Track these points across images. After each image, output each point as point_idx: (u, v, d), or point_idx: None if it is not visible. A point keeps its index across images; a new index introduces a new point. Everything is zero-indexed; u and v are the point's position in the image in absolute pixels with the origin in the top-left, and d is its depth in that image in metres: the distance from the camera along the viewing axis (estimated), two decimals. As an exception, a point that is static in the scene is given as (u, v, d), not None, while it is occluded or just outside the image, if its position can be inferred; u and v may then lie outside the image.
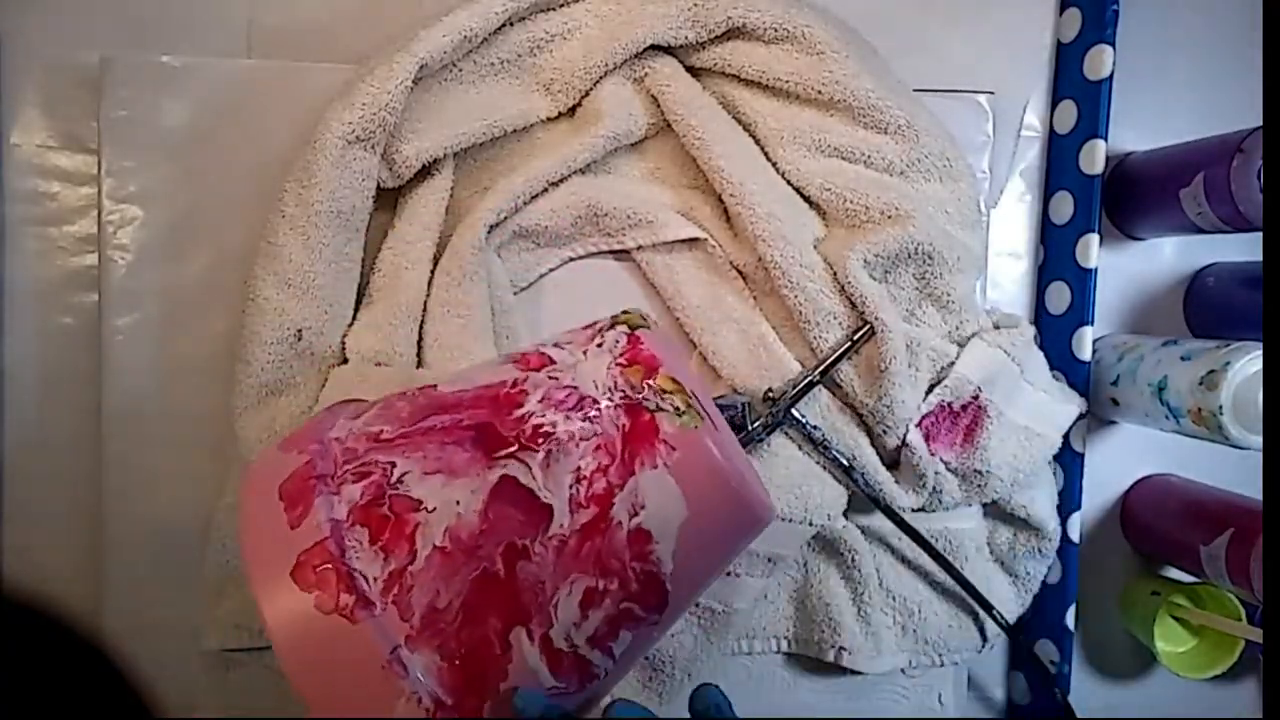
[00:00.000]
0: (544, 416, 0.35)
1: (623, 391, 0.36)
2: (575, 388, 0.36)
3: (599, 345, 0.38)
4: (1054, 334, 0.58)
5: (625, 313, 0.40)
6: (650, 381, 0.36)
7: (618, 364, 0.37)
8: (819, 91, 0.52)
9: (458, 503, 0.33)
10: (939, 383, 0.53)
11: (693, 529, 0.36)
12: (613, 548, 0.34)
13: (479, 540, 0.32)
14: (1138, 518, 0.61)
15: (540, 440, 0.34)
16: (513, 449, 0.34)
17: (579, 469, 0.34)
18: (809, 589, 0.56)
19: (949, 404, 0.53)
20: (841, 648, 0.55)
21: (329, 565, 0.31)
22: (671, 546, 0.35)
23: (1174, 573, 0.61)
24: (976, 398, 0.53)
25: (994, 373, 0.53)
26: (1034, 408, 0.54)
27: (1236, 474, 0.58)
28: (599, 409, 0.35)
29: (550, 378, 0.36)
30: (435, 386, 0.38)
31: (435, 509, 0.32)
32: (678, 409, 0.35)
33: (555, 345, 0.39)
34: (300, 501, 0.32)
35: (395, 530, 0.32)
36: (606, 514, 0.34)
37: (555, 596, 0.33)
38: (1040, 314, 0.60)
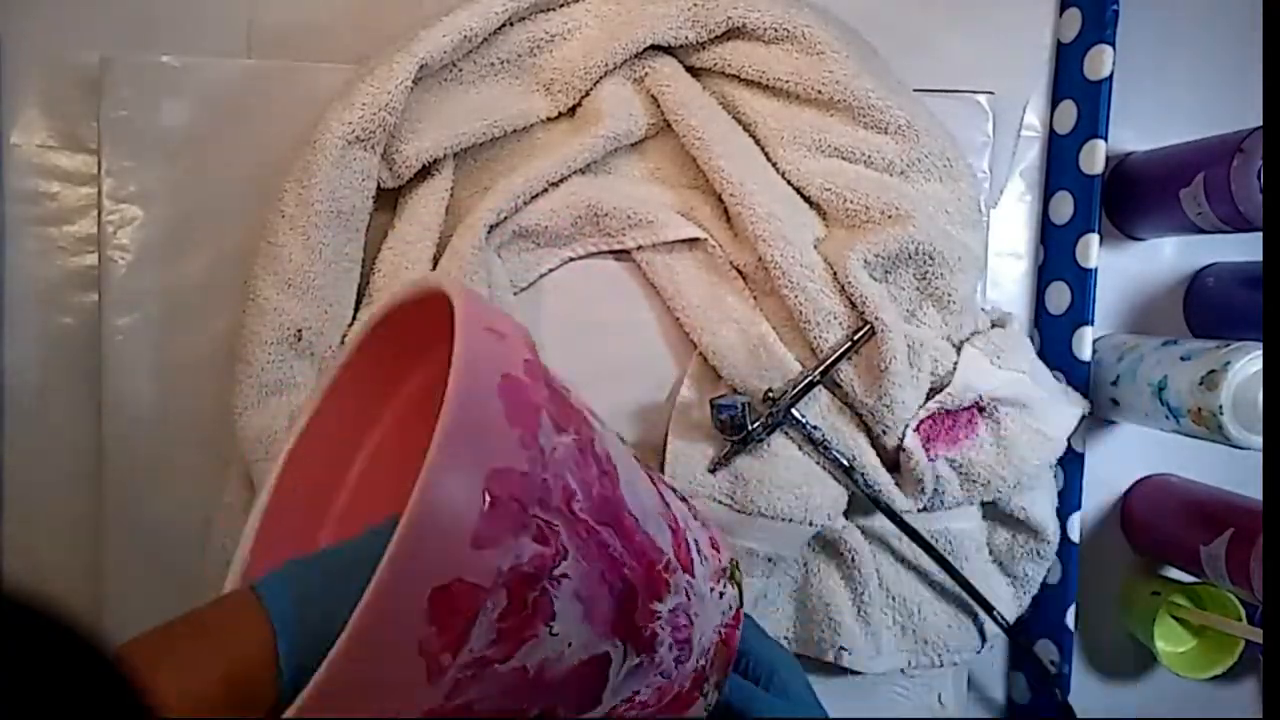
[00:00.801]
0: (662, 630, 0.34)
1: (704, 664, 0.36)
2: (690, 627, 0.35)
3: (719, 597, 0.38)
4: (1054, 334, 0.58)
5: (738, 568, 0.40)
6: (726, 666, 0.37)
7: (718, 637, 0.37)
8: (819, 91, 0.52)
9: (569, 645, 0.31)
10: (941, 389, 0.53)
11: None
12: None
13: (549, 692, 0.31)
14: (1138, 518, 0.61)
15: (647, 648, 0.34)
16: (635, 638, 0.33)
17: (637, 693, 0.34)
18: (809, 589, 0.56)
19: (949, 409, 0.53)
20: (841, 648, 0.55)
21: (461, 612, 0.28)
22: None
23: (1174, 573, 0.61)
24: (978, 400, 0.53)
25: (997, 379, 0.53)
26: (1036, 410, 0.54)
27: (1236, 474, 0.58)
28: (686, 665, 0.35)
29: (686, 594, 0.35)
30: (617, 480, 0.34)
31: (556, 634, 0.30)
32: (707, 694, 0.37)
33: (693, 547, 0.38)
34: (508, 518, 0.28)
35: (518, 625, 0.29)
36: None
37: None
38: (1040, 314, 0.60)
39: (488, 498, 0.28)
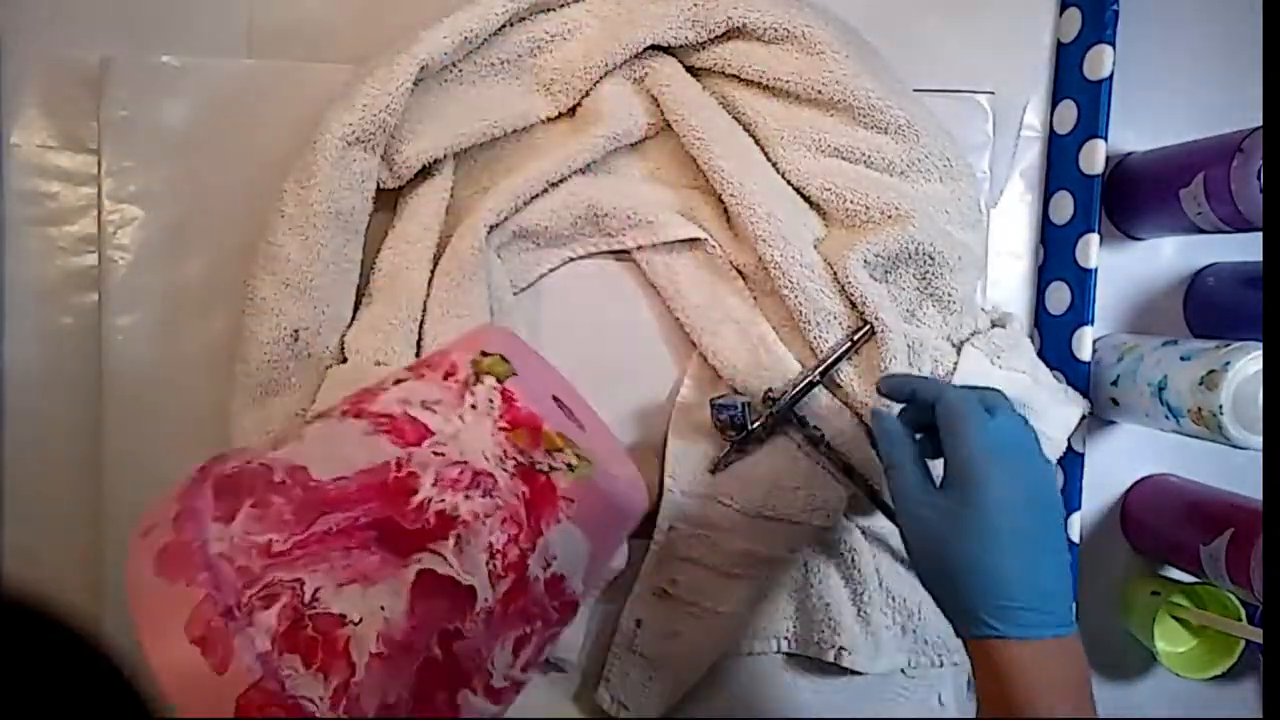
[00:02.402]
0: (444, 500, 0.34)
1: (514, 459, 0.36)
2: (465, 463, 0.36)
3: (473, 407, 0.37)
4: (1054, 334, 0.58)
5: (484, 355, 0.39)
6: (538, 444, 0.37)
7: (500, 429, 0.37)
8: (819, 91, 0.52)
9: (382, 608, 0.32)
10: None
11: (597, 555, 0.39)
12: (533, 598, 0.36)
13: (412, 637, 0.33)
14: (1138, 518, 0.61)
15: (447, 527, 0.34)
16: (422, 542, 0.34)
17: (491, 545, 0.35)
18: (809, 589, 0.56)
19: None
20: (841, 648, 0.55)
21: (273, 704, 0.30)
22: (582, 574, 0.38)
23: (1174, 573, 0.61)
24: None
25: (997, 378, 0.53)
26: (1037, 410, 0.54)
27: (1236, 474, 0.58)
28: (496, 483, 0.36)
29: (435, 453, 0.36)
30: (306, 469, 0.35)
31: (361, 619, 0.32)
32: (570, 465, 0.37)
33: (423, 405, 0.38)
34: (217, 644, 0.31)
35: (327, 649, 0.31)
36: (524, 576, 0.36)
37: (490, 654, 0.35)
38: (1040, 314, 0.60)
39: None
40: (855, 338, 0.52)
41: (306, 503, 0.34)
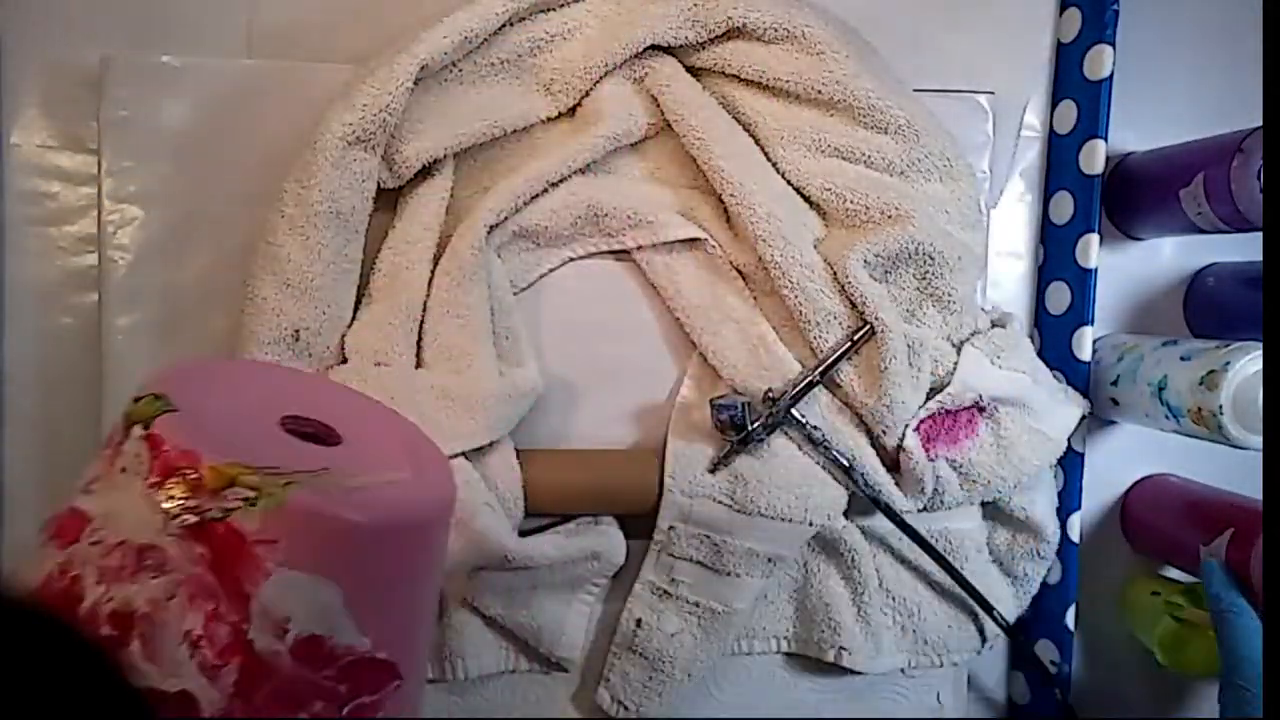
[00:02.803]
0: (112, 598, 0.28)
1: (177, 518, 0.29)
2: (124, 541, 0.28)
3: (123, 471, 0.30)
4: (1054, 334, 0.58)
5: (136, 400, 0.32)
6: (200, 488, 0.29)
7: (151, 485, 0.29)
8: (819, 91, 0.52)
9: None
10: (941, 389, 0.53)
11: (365, 589, 0.31)
12: (287, 678, 0.29)
13: None
14: (1138, 518, 0.61)
15: (126, 628, 0.27)
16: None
17: (188, 632, 0.28)
18: (809, 589, 0.56)
19: (949, 409, 0.53)
20: (841, 648, 0.55)
21: None
22: (353, 625, 0.30)
23: (1174, 573, 0.61)
24: (978, 401, 0.53)
25: (997, 378, 0.53)
26: (1037, 410, 0.54)
27: (1236, 474, 0.58)
28: (165, 554, 0.28)
29: (92, 543, 0.29)
30: None
31: None
32: (248, 499, 0.29)
33: (84, 490, 0.31)
34: None
35: None
36: (252, 656, 0.28)
37: None
38: (1040, 314, 0.60)
39: None
40: (855, 338, 0.52)
41: None
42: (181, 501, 0.29)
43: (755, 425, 0.52)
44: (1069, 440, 0.56)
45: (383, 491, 0.33)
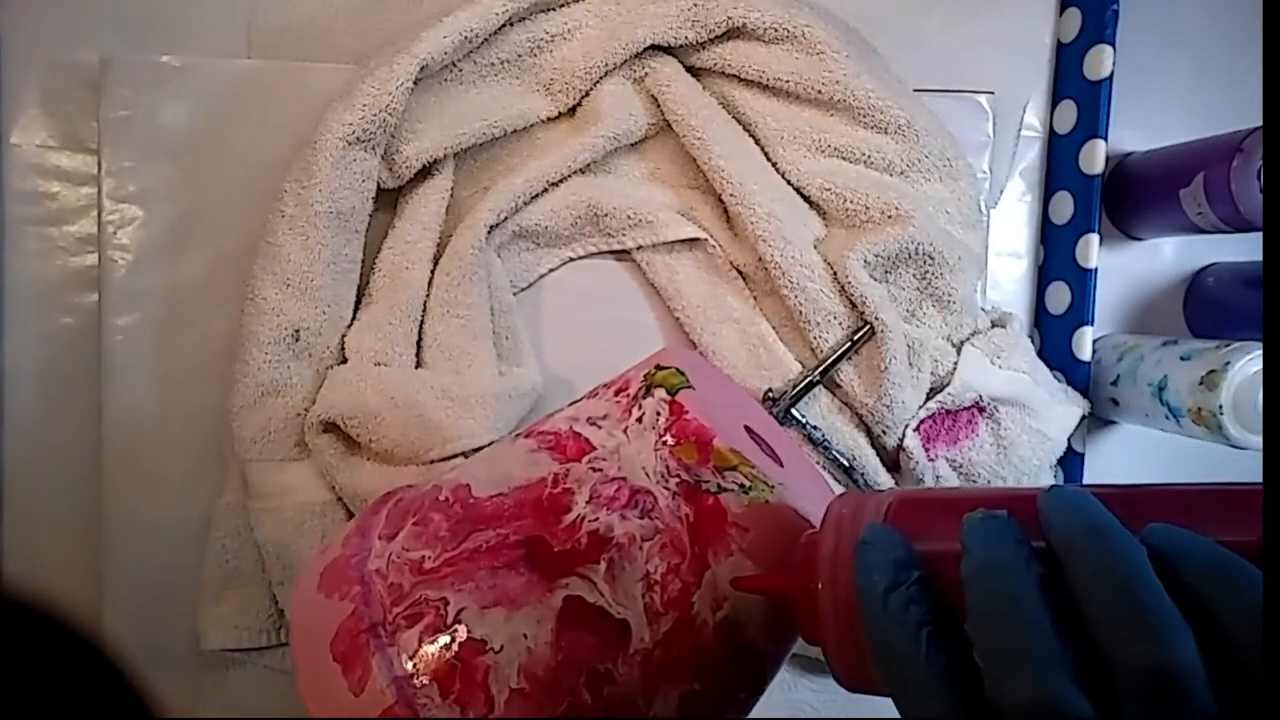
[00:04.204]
0: (597, 519, 0.31)
1: (678, 476, 0.32)
2: (624, 479, 0.32)
3: (639, 421, 0.34)
4: (1054, 334, 0.58)
5: (659, 369, 0.36)
6: (707, 460, 0.33)
7: (665, 444, 0.33)
8: (819, 91, 0.52)
9: (525, 636, 0.29)
10: (941, 389, 0.53)
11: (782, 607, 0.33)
12: (702, 647, 0.31)
13: (557, 674, 0.29)
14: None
15: (599, 549, 0.31)
16: (572, 565, 0.31)
17: (648, 574, 0.31)
18: (809, 589, 0.56)
19: (949, 409, 0.53)
20: (842, 648, 0.55)
21: None
22: (763, 626, 0.32)
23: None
24: (978, 401, 0.53)
25: (997, 378, 0.53)
26: (1037, 410, 0.54)
27: (1236, 474, 0.58)
28: (656, 502, 0.32)
29: (593, 469, 0.33)
30: (469, 487, 0.34)
31: (503, 648, 0.29)
32: (743, 485, 0.32)
33: (589, 421, 0.35)
34: (357, 662, 0.29)
35: (465, 679, 0.29)
36: (688, 615, 0.31)
37: (651, 709, 0.31)
38: (1040, 314, 0.60)
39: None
40: (855, 338, 0.52)
41: (462, 519, 0.32)
42: (689, 465, 0.33)
43: (755, 425, 0.52)
44: (1069, 440, 0.56)
45: (821, 499, 0.35)
